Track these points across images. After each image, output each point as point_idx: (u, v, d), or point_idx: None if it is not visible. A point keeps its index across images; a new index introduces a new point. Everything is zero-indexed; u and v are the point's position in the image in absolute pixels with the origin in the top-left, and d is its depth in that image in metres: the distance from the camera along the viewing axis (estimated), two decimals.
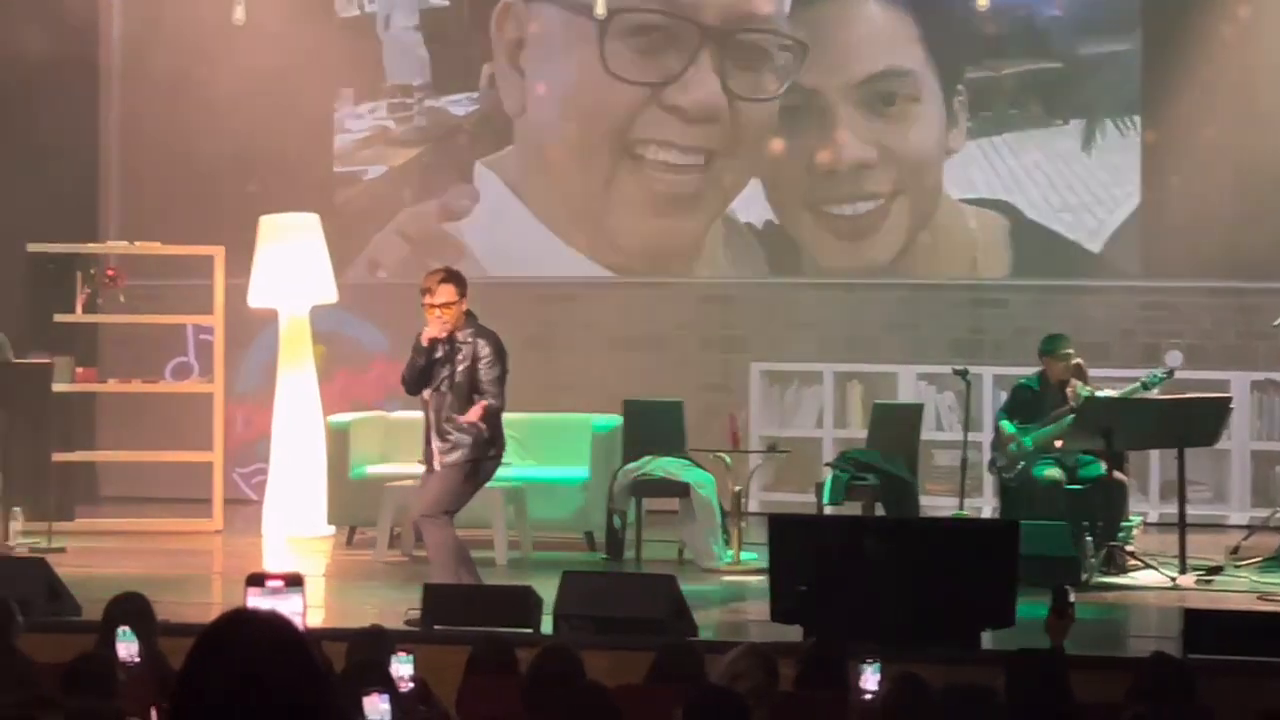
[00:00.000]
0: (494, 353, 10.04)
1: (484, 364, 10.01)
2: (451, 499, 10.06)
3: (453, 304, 10.01)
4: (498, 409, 10.07)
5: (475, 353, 10.01)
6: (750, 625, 9.95)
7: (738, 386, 15.02)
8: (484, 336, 10.07)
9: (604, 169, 15.52)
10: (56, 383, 13.52)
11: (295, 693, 3.00)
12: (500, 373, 10.05)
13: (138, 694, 6.64)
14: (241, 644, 3.07)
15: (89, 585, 10.10)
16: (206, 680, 3.04)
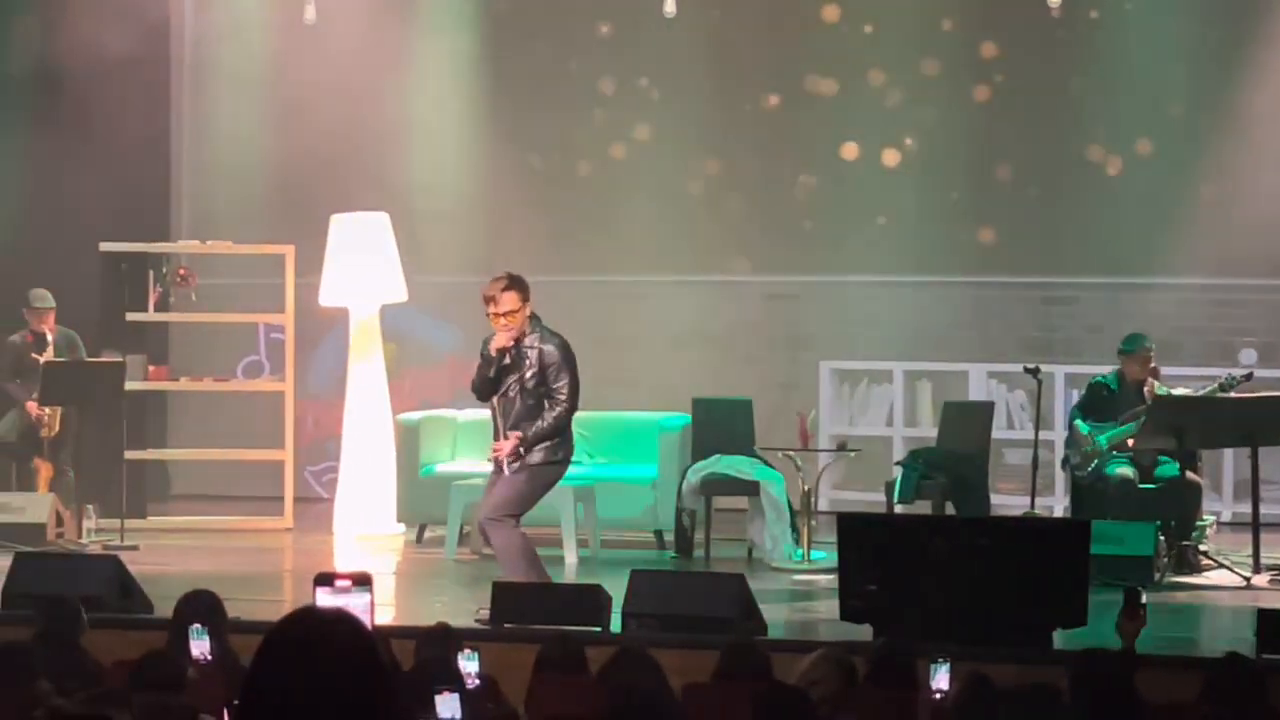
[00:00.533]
0: (562, 358, 10.00)
1: (552, 370, 9.97)
2: (517, 503, 10.03)
3: (516, 311, 9.99)
4: (564, 414, 10.00)
5: (543, 359, 9.97)
6: (819, 624, 9.93)
7: (807, 385, 14.98)
8: (550, 342, 10.03)
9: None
10: (129, 381, 13.61)
11: (362, 690, 3.01)
12: (570, 377, 10.00)
13: (209, 691, 6.67)
14: (310, 642, 3.08)
15: (161, 583, 10.15)
16: (275, 678, 3.05)
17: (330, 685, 3.01)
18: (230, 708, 5.81)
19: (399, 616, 10.22)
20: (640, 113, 15.81)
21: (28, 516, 12.73)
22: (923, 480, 12.37)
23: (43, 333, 13.60)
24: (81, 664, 7.53)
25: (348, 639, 3.08)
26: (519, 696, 7.29)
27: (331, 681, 3.01)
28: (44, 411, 13.45)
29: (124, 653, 7.99)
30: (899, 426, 14.89)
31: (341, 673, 3.02)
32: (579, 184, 15.89)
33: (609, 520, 12.81)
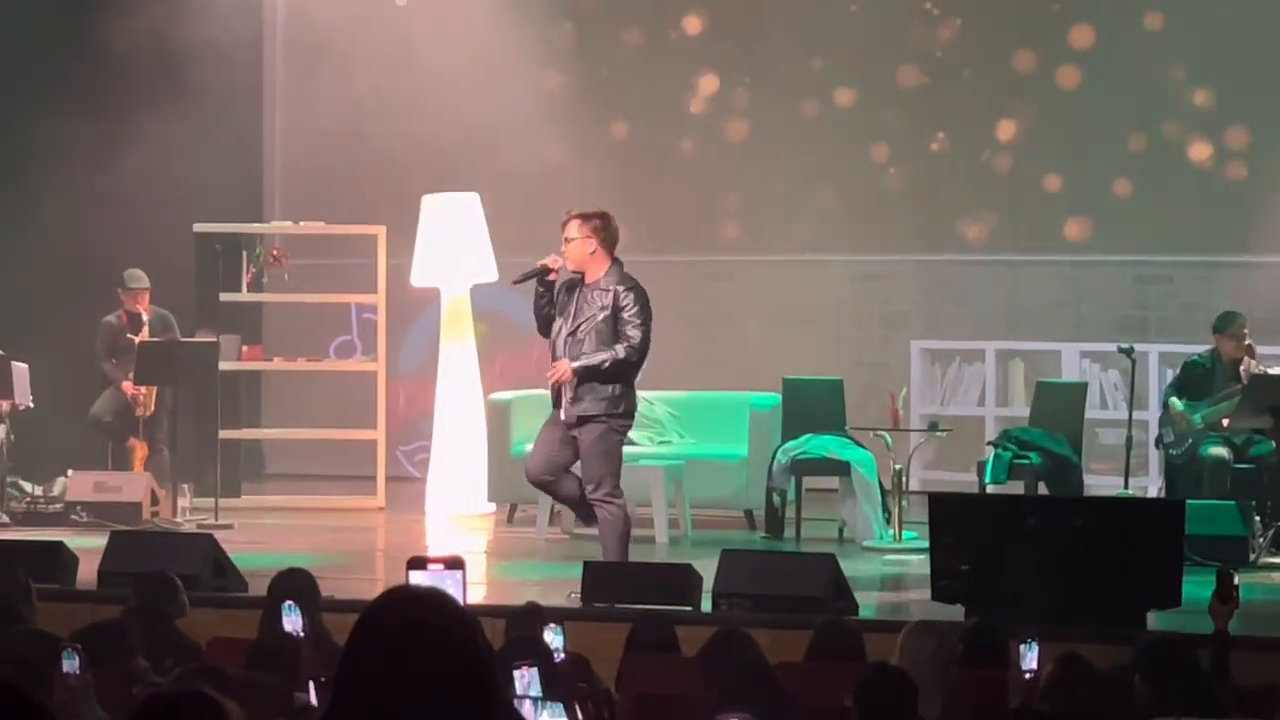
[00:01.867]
0: (637, 302, 9.79)
1: (626, 311, 9.77)
2: (606, 466, 9.82)
3: (576, 240, 9.85)
4: (628, 356, 9.78)
5: (617, 300, 9.79)
6: (911, 605, 9.90)
7: (898, 364, 14.92)
8: (626, 284, 9.83)
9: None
10: (223, 361, 13.71)
11: (456, 667, 3.02)
12: (644, 324, 9.79)
13: (309, 669, 6.71)
14: (405, 620, 3.09)
15: (255, 561, 10.24)
16: (371, 654, 3.06)
17: (425, 662, 3.02)
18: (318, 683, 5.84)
19: (490, 596, 10.26)
20: (731, 98, 15.79)
21: (124, 495, 12.85)
22: (1015, 460, 12.30)
23: (138, 313, 13.72)
24: (178, 641, 7.60)
25: (442, 617, 3.10)
26: (610, 675, 7.31)
27: (426, 658, 3.02)
28: (139, 391, 13.57)
29: (219, 630, 8.06)
30: (991, 406, 14.82)
31: (436, 650, 3.04)
32: (670, 166, 15.88)
33: (699, 500, 12.80)
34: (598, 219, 9.89)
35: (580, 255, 9.83)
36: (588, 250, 9.84)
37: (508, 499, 13.48)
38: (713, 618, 8.77)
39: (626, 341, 9.78)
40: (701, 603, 9.24)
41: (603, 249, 9.87)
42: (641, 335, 9.79)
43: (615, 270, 9.89)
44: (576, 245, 9.84)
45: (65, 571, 9.90)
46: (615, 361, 9.77)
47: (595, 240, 9.84)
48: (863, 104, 15.45)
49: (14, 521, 12.88)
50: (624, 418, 9.94)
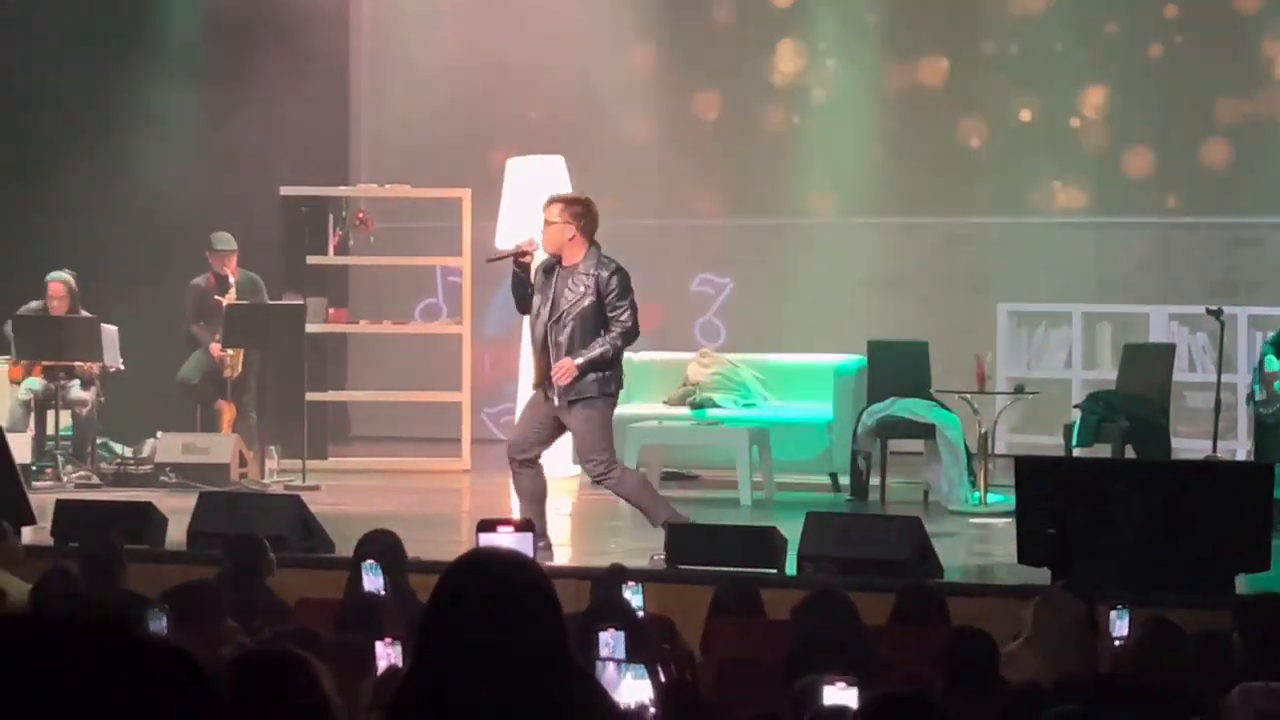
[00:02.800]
0: (619, 284, 9.85)
1: (611, 296, 9.82)
2: (600, 439, 9.88)
3: (553, 224, 9.89)
4: (624, 340, 9.85)
5: (599, 285, 9.82)
6: (997, 568, 9.86)
7: (984, 327, 14.84)
8: (608, 269, 9.88)
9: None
10: (309, 324, 13.78)
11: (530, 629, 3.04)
12: (630, 303, 9.86)
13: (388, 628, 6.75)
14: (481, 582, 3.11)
15: (341, 522, 10.30)
16: (448, 616, 3.08)
17: (502, 622, 3.04)
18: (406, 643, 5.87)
19: (574, 557, 10.29)
20: (817, 64, 15.73)
21: (212, 457, 12.95)
22: (1102, 423, 12.23)
23: (225, 275, 13.80)
24: (267, 602, 7.65)
25: (518, 578, 3.12)
26: (695, 638, 7.31)
27: (503, 619, 3.04)
28: (227, 354, 13.66)
29: (307, 591, 8.12)
30: (1078, 369, 14.72)
31: (512, 610, 3.06)
32: (755, 130, 15.84)
33: (784, 463, 12.79)
34: (579, 205, 9.97)
35: (559, 239, 9.88)
36: (566, 236, 9.88)
37: None
38: (798, 580, 8.76)
39: (619, 327, 9.85)
40: (786, 565, 9.24)
41: (581, 235, 9.90)
42: (630, 316, 9.87)
43: (594, 254, 9.91)
44: (556, 229, 9.89)
45: (155, 532, 9.99)
46: (615, 349, 9.87)
47: (574, 226, 9.88)
48: (952, 72, 15.36)
49: (104, 483, 13.00)
50: (613, 395, 10.00)
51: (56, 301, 13.55)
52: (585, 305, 9.83)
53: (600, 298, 9.82)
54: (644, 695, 4.55)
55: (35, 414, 13.45)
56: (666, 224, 15.82)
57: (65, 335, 13.43)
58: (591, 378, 9.82)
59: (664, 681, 3.97)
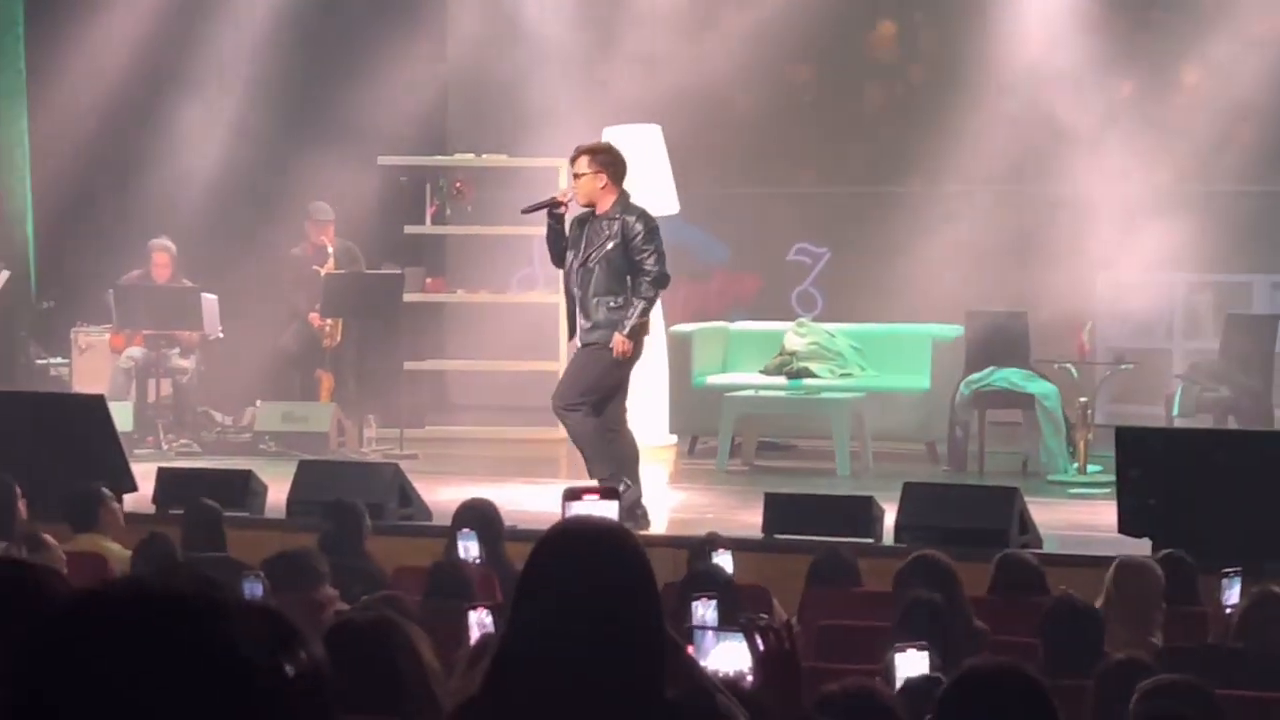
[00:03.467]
0: (645, 229, 9.85)
1: (637, 241, 9.83)
2: (589, 385, 9.90)
3: (583, 175, 9.89)
4: (655, 287, 9.86)
5: (625, 230, 9.83)
6: (1096, 539, 9.79)
7: (1084, 296, 14.72)
8: (633, 213, 9.89)
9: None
10: (407, 293, 13.83)
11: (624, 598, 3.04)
12: (656, 248, 9.86)
13: (483, 596, 6.77)
14: (576, 551, 3.11)
15: (439, 491, 10.34)
16: (542, 584, 3.08)
17: (595, 591, 3.04)
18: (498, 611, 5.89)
19: (671, 527, 10.29)
20: (916, 34, 15.64)
21: (311, 426, 13.03)
22: (1204, 393, 12.11)
23: (323, 245, 13.87)
24: (365, 569, 7.70)
25: (614, 546, 3.11)
26: (791, 606, 7.30)
27: (597, 587, 3.04)
28: (326, 323, 13.73)
29: (405, 559, 8.16)
30: (1179, 339, 14.59)
31: (606, 579, 3.05)
32: (852, 97, 15.77)
33: (881, 432, 12.74)
34: (606, 153, 10.02)
35: (591, 189, 9.90)
36: (598, 185, 9.90)
37: (689, 430, 13.50)
38: (895, 550, 8.73)
39: (646, 276, 9.86)
40: (883, 535, 9.20)
41: (612, 182, 9.93)
42: (655, 264, 9.87)
43: (622, 200, 9.95)
44: (587, 180, 9.91)
45: (254, 500, 10.06)
46: (647, 302, 9.89)
47: (605, 174, 9.91)
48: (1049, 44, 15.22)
49: (205, 451, 13.11)
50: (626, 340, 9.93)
51: (160, 268, 13.67)
52: (609, 249, 9.87)
53: (625, 243, 9.83)
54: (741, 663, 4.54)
55: (136, 382, 13.57)
56: (763, 193, 15.77)
57: (166, 304, 13.54)
58: (610, 321, 9.84)
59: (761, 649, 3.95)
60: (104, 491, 8.69)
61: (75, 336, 14.22)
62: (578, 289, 9.97)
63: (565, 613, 3.00)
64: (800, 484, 10.99)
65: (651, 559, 3.14)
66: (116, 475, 9.78)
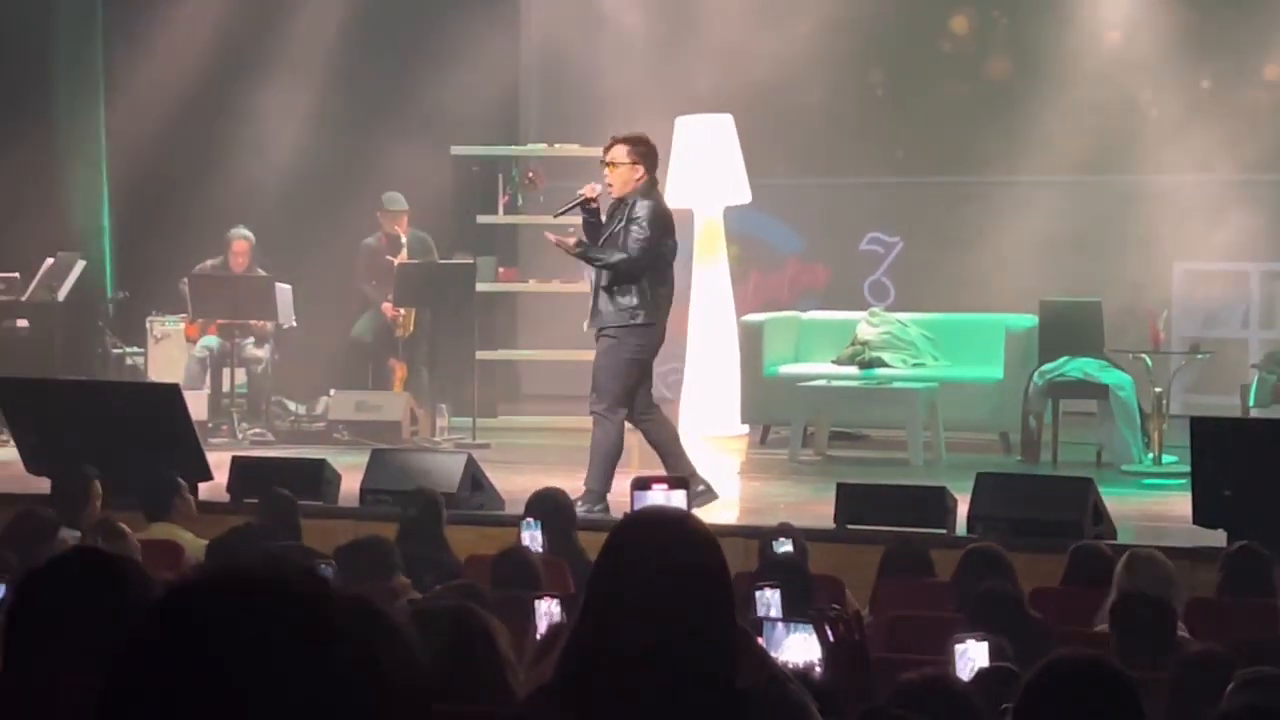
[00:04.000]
0: (648, 216, 9.79)
1: (636, 224, 9.78)
2: (608, 380, 9.90)
3: (619, 165, 9.85)
4: (620, 264, 9.75)
5: (630, 213, 9.80)
6: (1171, 530, 9.73)
7: (1159, 286, 14.64)
8: (646, 200, 9.84)
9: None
10: (480, 282, 13.86)
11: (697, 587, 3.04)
12: (648, 234, 9.76)
13: (555, 585, 6.79)
14: (650, 541, 3.11)
15: (511, 480, 10.36)
16: (616, 573, 3.09)
17: (669, 581, 3.04)
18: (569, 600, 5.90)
19: (742, 517, 10.29)
20: (992, 24, 15.57)
21: (384, 415, 13.08)
22: None
23: (396, 235, 13.92)
24: (438, 558, 7.72)
25: (686, 537, 3.12)
26: (863, 597, 7.29)
27: (670, 577, 3.05)
28: (399, 312, 13.78)
29: (477, 548, 8.19)
30: (1255, 329, 14.49)
31: (679, 569, 3.06)
32: (925, 89, 15.71)
33: (954, 423, 12.70)
34: (644, 144, 9.97)
35: (627, 179, 9.87)
36: (635, 175, 9.87)
37: (761, 420, 13.49)
38: (967, 541, 8.70)
39: (620, 252, 9.79)
40: (956, 526, 9.17)
41: (647, 173, 9.89)
42: (638, 248, 9.77)
43: (644, 186, 9.90)
44: (624, 170, 9.87)
45: (328, 489, 10.11)
46: (610, 265, 9.81)
47: (642, 165, 9.88)
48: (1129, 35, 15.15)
49: (278, 440, 13.18)
50: (634, 334, 9.91)
51: (239, 257, 13.75)
52: (615, 230, 9.87)
53: (627, 224, 9.82)
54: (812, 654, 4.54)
55: (211, 371, 13.65)
56: (835, 183, 15.75)
57: (240, 294, 13.62)
58: (616, 310, 9.83)
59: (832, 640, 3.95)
60: (178, 481, 8.75)
61: (150, 326, 14.32)
62: (590, 274, 9.98)
63: (638, 602, 3.01)
64: (873, 474, 10.95)
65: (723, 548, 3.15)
66: (191, 464, 9.84)
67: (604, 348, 9.98)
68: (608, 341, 9.95)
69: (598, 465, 9.98)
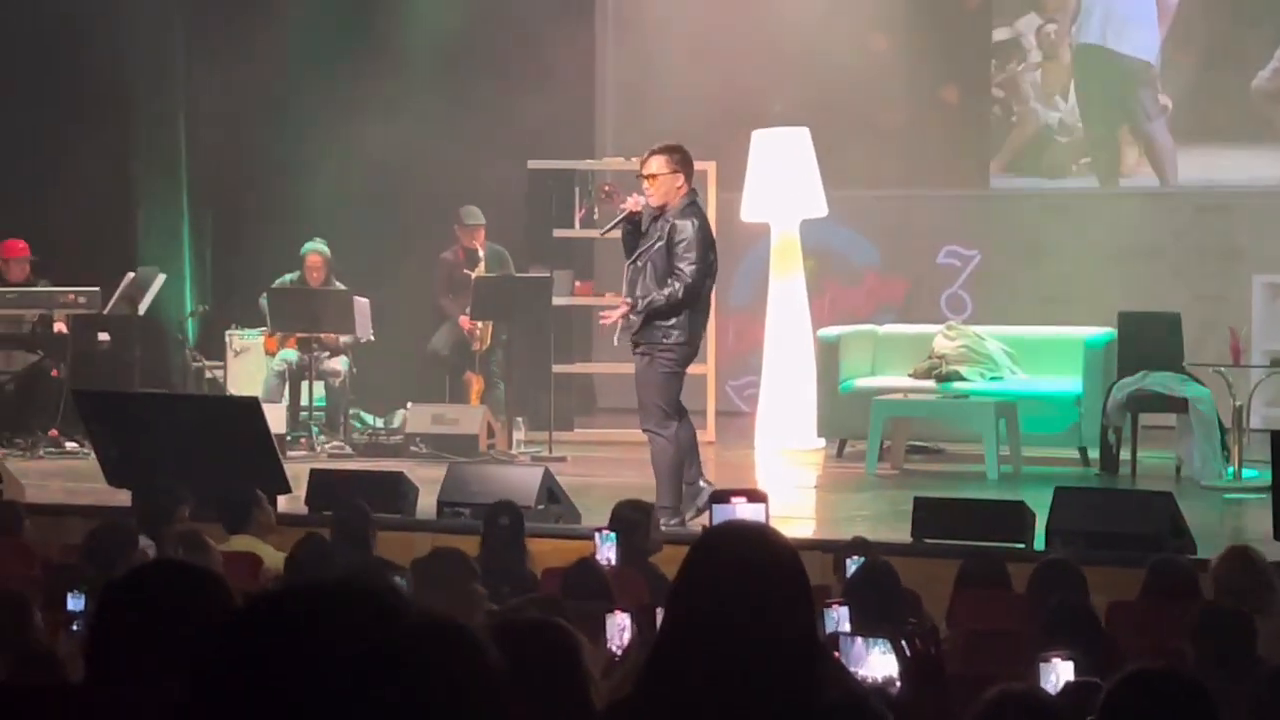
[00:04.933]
0: (694, 236, 9.72)
1: (680, 246, 9.72)
2: (653, 394, 9.85)
3: (658, 176, 9.81)
4: (683, 294, 9.70)
5: (672, 233, 9.73)
6: (1252, 544, 9.64)
7: (1238, 299, 14.53)
8: (687, 217, 9.78)
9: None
10: (556, 296, 13.89)
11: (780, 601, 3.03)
12: (699, 257, 9.71)
13: (630, 597, 6.79)
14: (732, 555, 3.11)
15: (588, 493, 10.37)
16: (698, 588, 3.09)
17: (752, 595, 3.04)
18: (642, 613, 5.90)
19: (819, 530, 10.27)
20: (1066, 37, 15.52)
21: (461, 428, 13.12)
22: None
23: (474, 249, 13.97)
24: (515, 571, 7.74)
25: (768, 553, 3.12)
26: (940, 611, 7.27)
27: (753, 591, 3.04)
28: (476, 326, 13.82)
29: (554, 560, 8.20)
30: None
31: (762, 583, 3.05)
32: (1002, 101, 15.66)
33: (1032, 437, 12.63)
34: (680, 152, 9.94)
35: (668, 189, 9.83)
36: (675, 184, 9.84)
37: (837, 434, 13.47)
38: (1046, 555, 8.66)
39: (679, 281, 9.74)
40: (1034, 540, 9.13)
41: (686, 181, 9.86)
42: (694, 272, 9.72)
43: (684, 199, 9.86)
44: (665, 180, 9.84)
45: (405, 502, 10.15)
46: (672, 299, 9.76)
47: (682, 174, 9.85)
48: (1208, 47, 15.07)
49: (356, 452, 13.24)
50: (671, 350, 9.89)
51: (314, 272, 13.82)
52: (657, 248, 9.83)
53: (670, 245, 9.77)
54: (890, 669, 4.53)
55: (290, 385, 13.73)
56: (912, 195, 15.71)
57: (318, 307, 13.69)
58: (649, 327, 9.80)
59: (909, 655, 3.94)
60: (257, 493, 8.79)
61: (230, 340, 14.41)
62: (627, 287, 9.97)
63: (718, 616, 3.01)
64: (950, 488, 10.92)
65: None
66: (270, 477, 9.89)
67: (641, 365, 9.98)
68: (643, 359, 9.96)
69: (664, 481, 9.97)
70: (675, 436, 9.97)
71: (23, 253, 14.02)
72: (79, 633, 5.64)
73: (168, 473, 8.99)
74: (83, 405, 11.29)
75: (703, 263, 9.78)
